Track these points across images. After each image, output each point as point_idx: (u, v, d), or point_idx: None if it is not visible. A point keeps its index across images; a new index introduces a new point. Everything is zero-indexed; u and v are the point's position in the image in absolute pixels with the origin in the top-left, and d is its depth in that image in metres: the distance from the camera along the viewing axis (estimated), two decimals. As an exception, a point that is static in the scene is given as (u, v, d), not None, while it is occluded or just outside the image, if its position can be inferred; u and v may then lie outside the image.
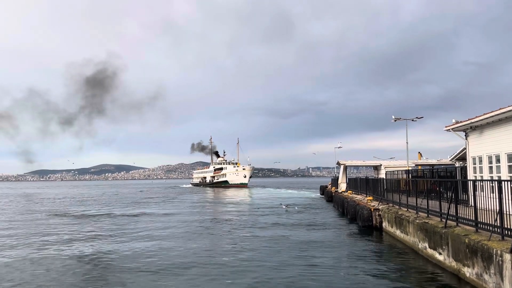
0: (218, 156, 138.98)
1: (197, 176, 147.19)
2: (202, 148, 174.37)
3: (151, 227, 25.91)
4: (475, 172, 18.28)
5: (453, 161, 27.17)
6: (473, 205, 11.62)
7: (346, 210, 29.43)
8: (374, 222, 22.53)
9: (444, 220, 13.32)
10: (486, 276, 9.72)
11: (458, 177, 20.90)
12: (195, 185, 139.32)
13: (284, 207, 38.44)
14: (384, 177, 29.62)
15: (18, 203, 55.94)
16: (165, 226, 26.11)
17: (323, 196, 58.15)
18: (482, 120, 16.28)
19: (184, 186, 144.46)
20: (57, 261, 15.51)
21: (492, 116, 15.36)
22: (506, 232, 9.68)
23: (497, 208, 9.96)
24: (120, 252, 17.13)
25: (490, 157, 16.82)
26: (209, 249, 17.68)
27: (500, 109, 14.54)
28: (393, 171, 32.69)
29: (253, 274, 13.00)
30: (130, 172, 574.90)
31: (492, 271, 9.39)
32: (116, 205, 47.51)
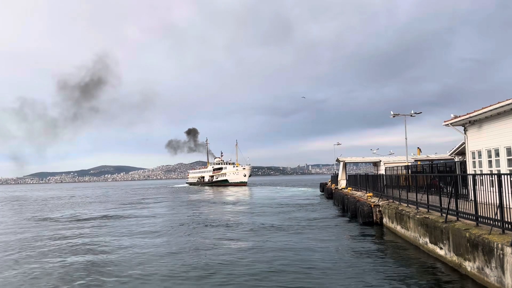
0: (194, 140, 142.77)
1: (193, 176, 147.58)
2: (175, 147, 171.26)
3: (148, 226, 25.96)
4: (474, 166, 18.30)
5: (452, 156, 27.22)
6: (473, 199, 11.63)
7: (347, 207, 29.46)
8: (374, 218, 22.58)
9: (444, 215, 13.34)
10: (487, 270, 9.74)
11: (458, 171, 20.93)
12: (191, 184, 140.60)
13: None
14: (384, 173, 29.62)
15: None
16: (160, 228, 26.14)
17: (323, 193, 58.16)
18: (480, 114, 16.28)
19: (177, 186, 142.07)
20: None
21: (491, 110, 15.36)
22: (507, 225, 9.68)
23: (497, 202, 9.97)
24: (101, 257, 16.70)
25: (489, 151, 16.83)
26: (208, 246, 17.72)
27: (499, 103, 14.55)
28: (393, 167, 32.69)
29: (252, 273, 13.01)
30: (130, 173, 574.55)
31: (493, 264, 9.41)
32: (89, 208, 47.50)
